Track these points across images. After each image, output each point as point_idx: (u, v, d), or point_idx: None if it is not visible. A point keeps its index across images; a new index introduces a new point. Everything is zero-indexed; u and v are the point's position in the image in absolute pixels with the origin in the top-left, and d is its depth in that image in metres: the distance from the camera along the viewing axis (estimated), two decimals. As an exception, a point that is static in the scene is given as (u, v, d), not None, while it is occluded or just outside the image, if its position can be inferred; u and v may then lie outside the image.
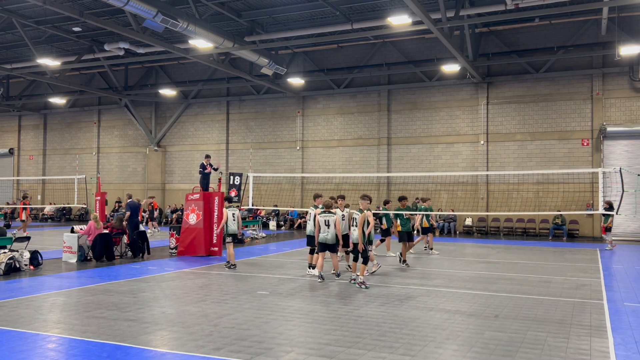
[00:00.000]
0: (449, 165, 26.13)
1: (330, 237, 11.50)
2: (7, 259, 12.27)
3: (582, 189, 23.07)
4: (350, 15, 22.61)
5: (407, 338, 7.10)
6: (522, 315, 8.50)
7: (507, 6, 18.04)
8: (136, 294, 9.92)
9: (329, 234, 11.49)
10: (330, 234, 11.49)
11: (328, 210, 11.67)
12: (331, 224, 11.47)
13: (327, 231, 11.49)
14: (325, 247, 11.60)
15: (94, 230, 14.79)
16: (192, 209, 16.25)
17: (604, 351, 6.65)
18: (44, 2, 17.72)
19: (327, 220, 11.52)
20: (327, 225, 11.49)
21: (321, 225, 11.60)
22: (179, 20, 18.56)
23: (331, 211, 11.62)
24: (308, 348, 6.62)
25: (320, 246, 11.64)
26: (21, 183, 38.63)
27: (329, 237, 11.50)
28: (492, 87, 25.64)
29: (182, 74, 32.32)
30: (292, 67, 28.70)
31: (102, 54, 26.78)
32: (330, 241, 11.54)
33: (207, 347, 6.60)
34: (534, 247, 19.95)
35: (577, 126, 24.10)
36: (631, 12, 22.26)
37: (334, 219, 11.48)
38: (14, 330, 7.29)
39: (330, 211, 11.62)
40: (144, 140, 34.11)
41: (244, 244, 20.22)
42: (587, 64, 23.98)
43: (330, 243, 11.56)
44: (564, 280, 12.10)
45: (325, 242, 11.56)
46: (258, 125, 30.91)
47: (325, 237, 11.53)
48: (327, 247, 11.60)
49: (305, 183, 29.43)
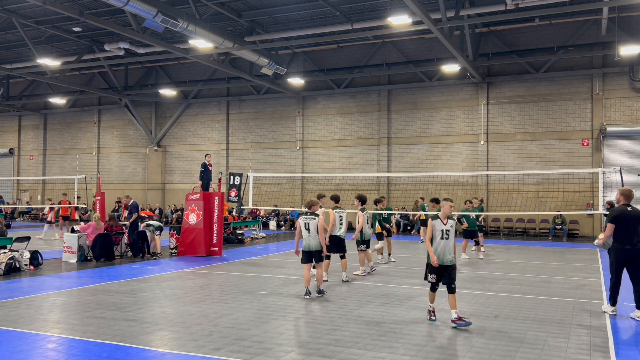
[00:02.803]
0: (449, 165, 26.13)
1: (314, 244, 9.81)
2: (7, 259, 12.27)
3: (582, 189, 23.07)
4: (350, 15, 22.61)
5: (407, 338, 7.11)
6: (522, 315, 8.50)
7: (507, 6, 18.06)
8: (136, 294, 9.92)
9: (311, 239, 9.82)
10: (313, 239, 9.80)
11: (311, 211, 9.95)
12: (312, 228, 9.79)
13: (309, 236, 9.82)
14: (310, 256, 9.86)
15: (94, 230, 14.79)
16: (192, 209, 16.24)
17: (603, 351, 6.65)
18: (44, 2, 17.71)
19: (307, 224, 9.83)
20: (307, 229, 9.82)
21: (302, 230, 9.89)
22: (179, 20, 18.56)
23: (315, 213, 9.92)
24: (308, 348, 6.62)
25: (304, 255, 9.87)
26: (21, 183, 38.64)
27: (312, 243, 9.81)
28: (492, 87, 25.64)
29: (182, 74, 32.33)
30: (292, 67, 28.70)
31: (102, 54, 26.78)
32: (314, 248, 9.83)
33: (207, 347, 6.60)
34: (534, 247, 19.95)
35: (577, 126, 24.10)
36: (631, 12, 22.26)
37: (315, 223, 9.79)
38: (14, 330, 7.29)
39: (314, 212, 9.92)
40: (144, 140, 34.11)
41: (244, 244, 20.22)
42: (587, 64, 23.98)
43: (315, 250, 9.83)
44: (564, 280, 12.10)
45: (309, 249, 9.85)
46: (258, 125, 30.91)
47: (308, 244, 9.83)
48: (311, 256, 9.87)
49: (305, 183, 29.43)
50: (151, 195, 33.16)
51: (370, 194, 26.80)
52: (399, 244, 20.08)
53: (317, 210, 10.00)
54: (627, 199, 8.65)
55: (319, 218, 9.82)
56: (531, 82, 24.96)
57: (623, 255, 8.42)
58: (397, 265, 14.29)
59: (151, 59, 27.30)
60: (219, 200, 16.34)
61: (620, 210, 8.53)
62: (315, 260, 9.85)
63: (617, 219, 8.44)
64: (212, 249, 16.12)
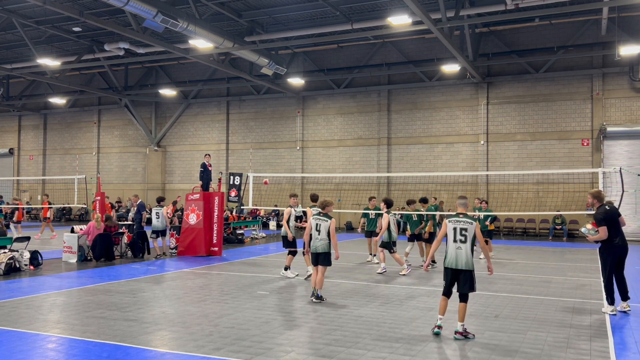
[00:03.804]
0: (449, 165, 26.13)
1: (321, 246, 9.41)
2: (7, 259, 12.27)
3: (582, 189, 23.05)
4: (350, 15, 22.60)
5: (407, 338, 7.11)
6: (522, 315, 8.50)
7: (507, 6, 18.05)
8: (136, 294, 9.92)
9: (319, 241, 9.44)
10: (320, 241, 9.42)
11: (325, 212, 9.62)
12: (322, 230, 9.41)
13: (318, 237, 9.45)
14: (316, 258, 9.48)
15: (94, 230, 14.79)
16: (192, 209, 16.24)
17: (604, 351, 6.65)
18: (44, 2, 17.72)
19: (318, 224, 9.49)
20: (317, 230, 9.46)
21: (312, 230, 9.56)
22: (179, 20, 18.56)
23: (328, 214, 9.54)
24: (308, 348, 6.62)
25: (312, 257, 9.58)
26: (21, 183, 38.64)
27: (319, 245, 9.44)
28: (492, 87, 25.64)
29: (182, 74, 32.33)
30: (292, 67, 28.70)
31: (102, 54, 26.78)
32: (321, 250, 9.41)
33: (207, 347, 6.60)
34: (534, 247, 19.95)
35: (577, 126, 24.10)
36: (631, 12, 22.26)
37: (327, 225, 9.39)
38: (14, 330, 7.29)
39: (327, 214, 9.54)
40: (144, 140, 34.11)
41: (244, 243, 20.22)
42: (587, 64, 23.98)
43: (321, 252, 9.41)
44: (564, 280, 12.10)
45: (315, 251, 9.50)
46: (258, 125, 30.91)
47: (315, 245, 9.48)
48: (317, 258, 9.47)
49: (305, 183, 29.42)
50: (151, 195, 33.13)
51: (370, 194, 26.82)
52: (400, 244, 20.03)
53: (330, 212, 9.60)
54: (600, 200, 9.02)
55: (332, 221, 9.40)
56: (531, 82, 24.96)
57: (616, 252, 8.70)
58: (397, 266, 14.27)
59: (151, 59, 27.30)
60: (219, 200, 16.34)
61: (604, 212, 8.79)
62: (320, 263, 9.39)
63: (605, 220, 8.70)
64: (212, 249, 16.11)
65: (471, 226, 7.28)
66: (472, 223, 7.30)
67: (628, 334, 7.56)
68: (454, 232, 7.31)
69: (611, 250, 8.71)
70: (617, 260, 8.73)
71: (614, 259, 8.69)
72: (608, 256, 8.73)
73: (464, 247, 7.23)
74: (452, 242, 7.32)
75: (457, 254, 7.25)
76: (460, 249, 7.24)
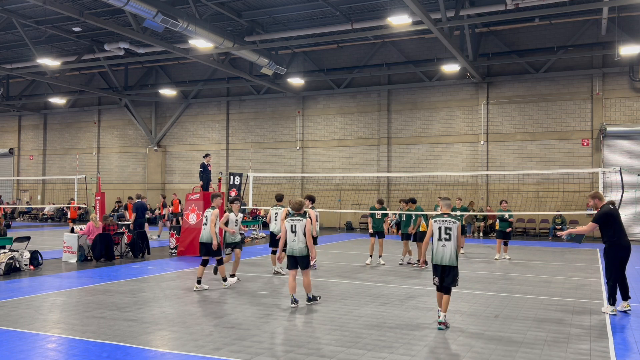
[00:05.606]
0: (449, 165, 26.13)
1: (298, 249, 8.96)
2: (7, 259, 12.27)
3: (582, 189, 23.05)
4: (350, 15, 22.61)
5: (407, 338, 7.11)
6: (522, 315, 8.50)
7: (507, 6, 18.05)
8: (136, 294, 9.92)
9: (295, 243, 8.98)
10: (297, 243, 8.95)
11: (299, 213, 9.14)
12: (298, 231, 8.93)
13: (294, 239, 8.99)
14: (295, 262, 9.05)
15: (94, 230, 14.80)
16: (192, 209, 16.24)
17: (604, 352, 6.65)
18: (44, 2, 17.71)
19: (293, 226, 8.99)
20: (293, 232, 8.98)
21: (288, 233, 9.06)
22: (179, 20, 18.56)
23: (302, 214, 9.11)
24: (308, 348, 6.62)
25: (289, 261, 9.07)
26: (21, 183, 38.64)
27: (295, 247, 8.97)
28: (492, 87, 25.64)
29: (182, 74, 32.33)
30: (292, 67, 28.70)
31: (102, 54, 26.78)
32: (298, 253, 8.96)
33: (207, 347, 6.60)
34: (534, 247, 19.95)
35: (577, 126, 24.10)
36: (631, 12, 22.26)
37: (303, 224, 8.94)
38: (14, 330, 7.29)
39: (302, 214, 9.11)
40: (144, 140, 34.11)
41: (244, 243, 20.21)
42: (587, 64, 23.98)
43: (299, 255, 8.96)
44: (564, 280, 12.10)
45: (292, 254, 9.03)
46: (258, 125, 30.91)
47: (292, 248, 9.01)
48: (296, 262, 9.05)
49: (305, 183, 29.42)
50: (151, 195, 33.12)
51: (370, 194, 26.84)
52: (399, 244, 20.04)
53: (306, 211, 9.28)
54: (601, 199, 9.10)
55: (307, 220, 8.95)
56: (531, 82, 24.96)
57: (622, 252, 8.70)
58: (396, 266, 14.27)
59: (151, 59, 27.30)
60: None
61: (607, 210, 8.82)
62: (300, 267, 8.97)
63: (606, 218, 8.74)
64: (212, 249, 16.08)
65: (455, 225, 7.73)
66: (455, 222, 7.75)
67: (629, 334, 7.56)
68: (439, 231, 7.79)
69: (617, 250, 8.68)
70: (623, 261, 8.73)
71: (623, 259, 8.69)
72: (614, 257, 8.69)
73: (449, 245, 7.71)
74: (437, 240, 7.80)
75: (442, 251, 7.75)
76: (445, 247, 7.73)
